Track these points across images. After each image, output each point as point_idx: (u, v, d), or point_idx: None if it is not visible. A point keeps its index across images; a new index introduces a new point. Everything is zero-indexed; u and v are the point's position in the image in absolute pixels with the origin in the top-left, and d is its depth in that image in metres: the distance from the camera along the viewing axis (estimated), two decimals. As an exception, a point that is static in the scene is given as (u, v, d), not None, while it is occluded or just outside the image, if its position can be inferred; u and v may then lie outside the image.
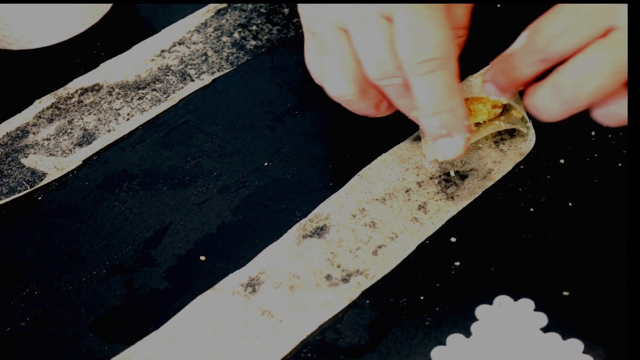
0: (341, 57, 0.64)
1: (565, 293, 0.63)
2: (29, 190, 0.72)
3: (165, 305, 0.65)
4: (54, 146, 0.75)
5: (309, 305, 0.64)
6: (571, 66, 0.60)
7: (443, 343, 0.61)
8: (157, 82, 0.79)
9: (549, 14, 0.61)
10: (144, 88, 0.79)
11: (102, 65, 0.80)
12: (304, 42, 0.68)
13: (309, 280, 0.65)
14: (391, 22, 0.62)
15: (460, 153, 0.64)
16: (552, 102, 0.61)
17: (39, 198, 0.72)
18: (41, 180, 0.73)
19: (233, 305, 0.64)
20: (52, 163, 0.74)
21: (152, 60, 0.80)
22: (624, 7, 0.59)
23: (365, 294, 0.64)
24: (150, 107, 0.77)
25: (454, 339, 0.61)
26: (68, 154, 0.74)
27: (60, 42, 0.83)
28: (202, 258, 0.67)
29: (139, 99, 0.78)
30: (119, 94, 0.78)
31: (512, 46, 0.63)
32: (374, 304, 0.64)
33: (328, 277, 0.65)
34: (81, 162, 0.74)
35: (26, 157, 0.74)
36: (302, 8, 0.68)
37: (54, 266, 0.68)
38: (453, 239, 0.67)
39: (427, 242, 0.67)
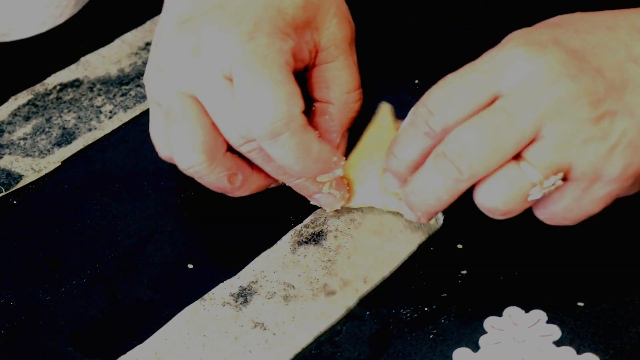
0: (188, 125, 0.64)
1: (580, 304, 0.63)
2: (4, 193, 0.72)
3: (150, 317, 0.65)
4: (30, 146, 0.75)
5: (304, 317, 0.64)
6: (452, 135, 0.59)
7: (449, 357, 0.61)
8: (141, 78, 0.78)
9: (436, 84, 0.61)
10: (127, 84, 0.78)
11: (82, 59, 0.80)
12: (150, 116, 0.68)
13: (304, 290, 0.65)
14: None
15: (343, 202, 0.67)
16: (435, 177, 0.60)
17: (15, 202, 0.72)
18: (17, 182, 0.73)
19: (223, 317, 0.64)
20: (28, 164, 0.74)
21: (137, 54, 0.80)
22: (511, 71, 0.59)
23: (366, 304, 0.64)
24: (135, 104, 0.77)
25: (461, 353, 0.61)
26: (46, 154, 0.74)
27: (38, 34, 0.83)
28: (190, 266, 0.67)
29: (122, 95, 0.78)
30: (101, 90, 0.78)
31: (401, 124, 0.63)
32: (375, 315, 0.64)
33: (325, 286, 0.65)
34: (60, 163, 0.74)
35: (1, 157, 0.74)
36: (146, 80, 0.68)
37: (30, 275, 0.67)
38: (460, 246, 0.67)
39: (432, 248, 0.66)
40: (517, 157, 0.59)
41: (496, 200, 0.59)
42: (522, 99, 0.58)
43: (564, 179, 0.59)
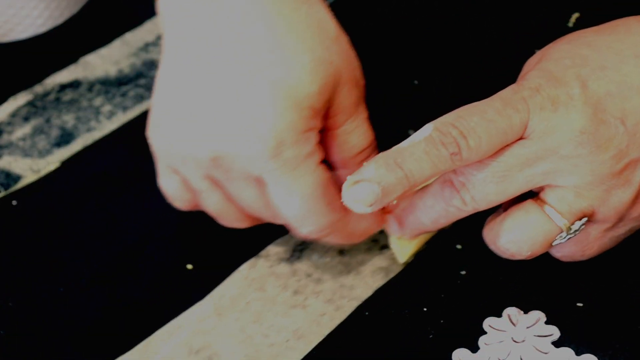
0: (220, 204, 0.64)
1: (579, 304, 0.63)
2: (4, 193, 0.72)
3: (150, 317, 0.65)
4: (29, 146, 0.75)
5: (361, 271, 0.65)
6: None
7: (448, 358, 0.62)
8: (140, 78, 0.79)
9: (464, 109, 0.58)
10: (126, 84, 0.79)
11: (81, 59, 0.80)
12: (158, 167, 0.65)
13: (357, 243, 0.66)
14: (263, 184, 0.61)
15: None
16: (438, 201, 0.60)
17: (14, 202, 0.72)
18: (16, 183, 0.73)
19: (280, 272, 0.66)
20: (27, 165, 0.74)
21: (136, 54, 0.80)
22: (536, 120, 0.58)
23: (364, 304, 0.64)
24: (134, 104, 0.77)
25: (460, 354, 0.62)
26: (45, 154, 0.74)
27: (37, 34, 0.83)
28: (189, 267, 0.67)
29: (122, 95, 0.78)
30: (100, 90, 0.78)
31: (410, 139, 0.58)
32: (373, 315, 0.64)
33: (376, 240, 0.66)
34: (59, 164, 0.74)
35: (0, 158, 0.74)
36: (156, 141, 0.64)
37: (29, 276, 0.68)
38: (459, 246, 0.67)
39: (432, 249, 0.67)
40: (540, 201, 0.59)
41: (521, 247, 0.59)
42: (542, 151, 0.57)
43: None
